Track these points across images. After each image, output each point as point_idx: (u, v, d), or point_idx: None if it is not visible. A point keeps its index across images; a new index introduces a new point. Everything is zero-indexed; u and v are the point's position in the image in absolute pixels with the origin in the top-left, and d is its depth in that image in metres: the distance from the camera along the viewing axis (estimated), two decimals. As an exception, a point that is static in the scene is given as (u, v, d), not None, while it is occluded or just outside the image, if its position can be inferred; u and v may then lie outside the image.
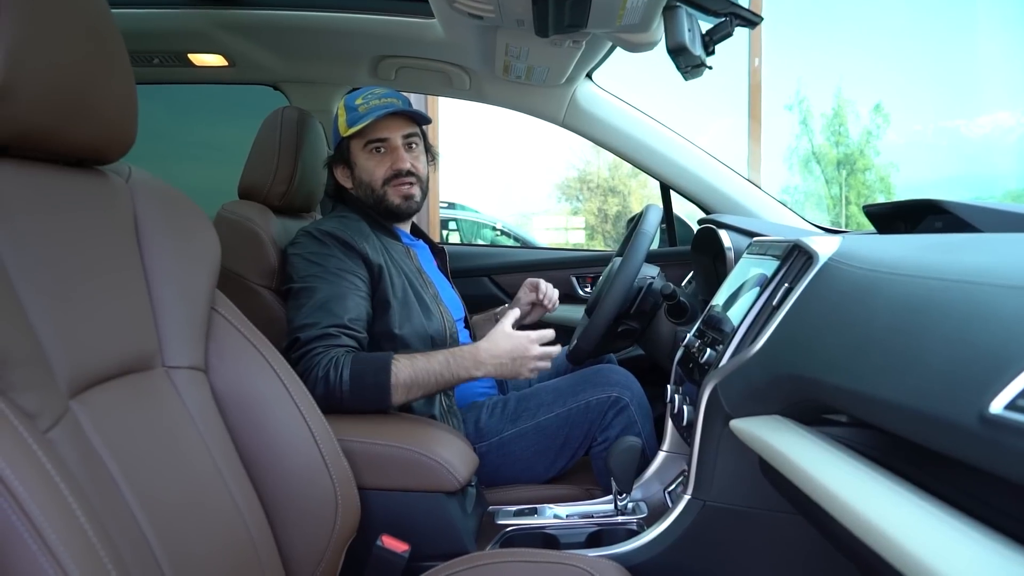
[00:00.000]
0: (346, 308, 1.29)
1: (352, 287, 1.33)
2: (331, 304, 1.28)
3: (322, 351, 1.23)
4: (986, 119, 9.09)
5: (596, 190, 9.94)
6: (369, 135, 1.47)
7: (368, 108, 1.45)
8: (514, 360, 1.29)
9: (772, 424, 0.83)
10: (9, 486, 0.47)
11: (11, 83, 0.59)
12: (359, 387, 1.21)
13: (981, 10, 8.65)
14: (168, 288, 0.80)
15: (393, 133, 1.48)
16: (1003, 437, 0.43)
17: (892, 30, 9.16)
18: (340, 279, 1.33)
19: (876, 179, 9.02)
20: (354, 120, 1.45)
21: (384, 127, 1.46)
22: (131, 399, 0.70)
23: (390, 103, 1.46)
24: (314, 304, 1.29)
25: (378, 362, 1.23)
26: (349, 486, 0.94)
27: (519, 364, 1.29)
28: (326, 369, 1.20)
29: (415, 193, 1.51)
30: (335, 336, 1.26)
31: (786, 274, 0.98)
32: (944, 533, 0.49)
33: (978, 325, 0.52)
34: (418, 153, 1.52)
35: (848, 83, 8.98)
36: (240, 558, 0.76)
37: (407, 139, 1.50)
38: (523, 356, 1.29)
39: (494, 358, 1.28)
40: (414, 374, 1.24)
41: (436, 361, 1.26)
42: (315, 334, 1.25)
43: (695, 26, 1.24)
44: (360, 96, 1.47)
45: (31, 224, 0.63)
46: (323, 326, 1.26)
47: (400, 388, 1.23)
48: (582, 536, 1.25)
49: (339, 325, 1.27)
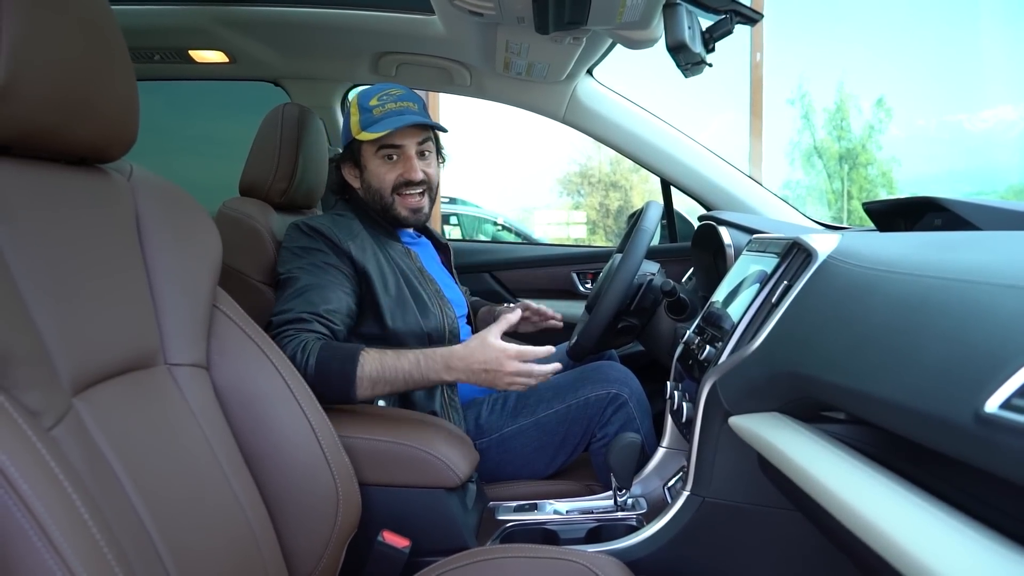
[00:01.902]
0: (324, 299, 1.29)
1: (335, 281, 1.33)
2: (309, 293, 1.28)
3: (292, 334, 1.22)
4: (989, 113, 9.07)
5: (597, 185, 9.93)
6: (382, 141, 1.44)
7: (384, 112, 1.42)
8: (487, 372, 1.21)
9: (771, 421, 0.83)
10: (13, 483, 0.47)
11: (13, 82, 0.59)
12: (324, 374, 1.18)
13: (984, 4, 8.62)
14: (170, 285, 0.81)
15: (408, 140, 1.45)
16: (998, 436, 0.44)
17: (894, 24, 9.14)
18: (323, 272, 1.33)
19: (878, 174, 9.00)
20: (368, 123, 1.42)
21: (399, 135, 1.43)
22: (133, 396, 0.71)
23: (406, 107, 1.43)
24: (293, 292, 1.29)
25: (346, 351, 1.21)
26: (350, 482, 0.94)
27: (493, 376, 1.21)
28: (293, 351, 1.19)
29: (424, 205, 1.50)
30: (307, 321, 1.25)
31: (785, 271, 0.98)
32: (940, 531, 0.49)
33: (975, 324, 0.52)
34: (430, 160, 1.50)
35: (850, 77, 8.96)
36: (242, 553, 0.77)
37: (420, 146, 1.47)
38: (497, 370, 1.20)
39: (466, 365, 1.21)
40: (381, 369, 1.20)
41: (406, 360, 1.22)
42: (288, 318, 1.25)
43: (695, 23, 1.24)
44: (375, 96, 1.44)
45: (34, 223, 0.64)
46: (296, 311, 1.25)
47: (365, 381, 1.19)
48: (582, 532, 1.25)
49: (313, 312, 1.26)
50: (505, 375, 1.20)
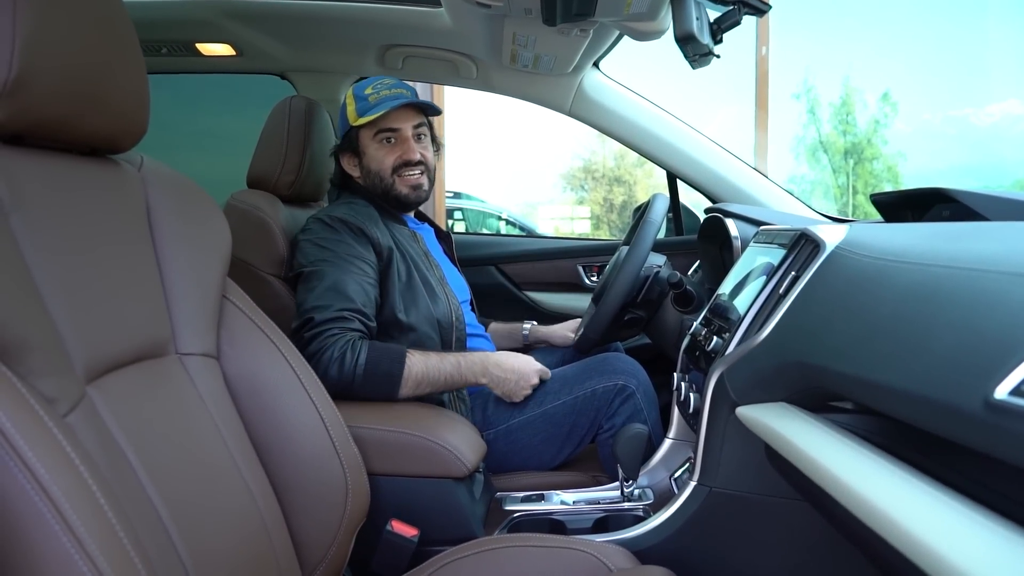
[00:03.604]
0: (358, 294, 1.31)
1: (361, 273, 1.34)
2: (342, 287, 1.30)
3: (338, 332, 1.24)
4: (996, 107, 9.03)
5: (602, 180, 9.92)
6: (379, 125, 1.48)
7: (379, 98, 1.46)
8: (516, 384, 1.38)
9: (778, 411, 0.83)
10: (31, 467, 0.48)
11: (26, 74, 0.60)
12: (372, 374, 1.22)
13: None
14: (180, 276, 0.81)
15: (403, 124, 1.50)
16: (1007, 422, 0.44)
17: (900, 18, 9.10)
18: (350, 264, 1.34)
19: (884, 168, 8.97)
20: (364, 110, 1.46)
21: (395, 118, 1.48)
22: (145, 385, 0.71)
23: (400, 94, 1.47)
24: (325, 286, 1.30)
25: (394, 353, 1.26)
26: (359, 472, 0.95)
27: (516, 389, 1.38)
28: (342, 351, 1.22)
29: (423, 183, 1.53)
30: (349, 319, 1.27)
31: (793, 262, 0.98)
32: (949, 518, 0.49)
33: (984, 312, 0.52)
34: (426, 143, 1.55)
35: (856, 72, 8.94)
36: (252, 541, 0.78)
37: (416, 129, 1.52)
38: (525, 384, 1.38)
39: (501, 372, 1.36)
40: (426, 371, 1.27)
41: (448, 362, 1.31)
42: (330, 315, 1.26)
43: (703, 14, 1.24)
44: (370, 86, 1.49)
45: (47, 212, 0.64)
46: (337, 308, 1.27)
47: (410, 382, 1.26)
48: (589, 522, 1.26)
49: (352, 309, 1.28)
50: (525, 389, 1.39)
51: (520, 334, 1.81)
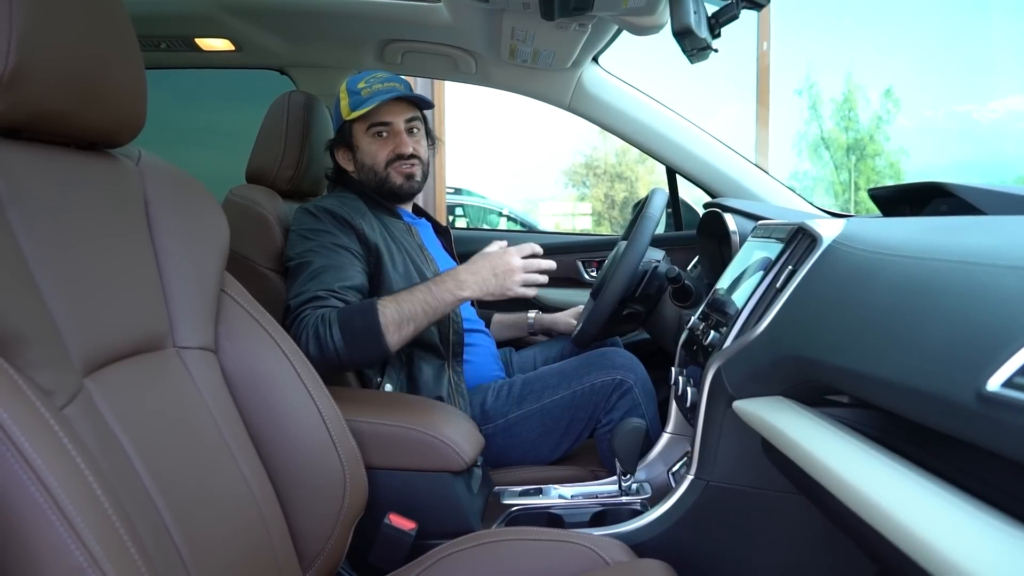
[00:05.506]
0: (338, 277, 1.31)
1: (347, 261, 1.35)
2: (323, 274, 1.30)
3: (309, 312, 1.25)
4: (998, 104, 9.01)
5: (603, 176, 9.91)
6: (372, 119, 1.49)
7: (371, 92, 1.46)
8: (496, 276, 1.28)
9: (775, 405, 0.83)
10: (28, 458, 0.48)
11: (23, 67, 0.60)
12: (350, 335, 1.21)
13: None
14: (178, 270, 0.81)
15: (396, 117, 1.50)
16: (1000, 414, 0.44)
17: (903, 13, 9.07)
18: (334, 253, 1.34)
19: (886, 165, 8.95)
20: (357, 104, 1.47)
21: (387, 111, 1.49)
22: (143, 378, 0.71)
23: (393, 87, 1.47)
24: (307, 275, 1.31)
25: (362, 306, 1.25)
26: (357, 465, 0.95)
27: (503, 279, 1.28)
28: (314, 326, 1.22)
29: (416, 173, 1.53)
30: (323, 298, 1.27)
31: (790, 257, 0.99)
32: (944, 511, 0.50)
33: (978, 305, 0.52)
34: (419, 137, 1.55)
35: (858, 68, 8.91)
36: (250, 533, 0.78)
37: (409, 123, 1.52)
38: (505, 270, 1.28)
39: (475, 276, 1.28)
40: (400, 309, 1.25)
41: (418, 291, 1.28)
42: (303, 299, 1.27)
43: (701, 8, 1.24)
44: (362, 80, 1.49)
45: (45, 206, 0.64)
46: (312, 291, 1.27)
47: (391, 326, 1.24)
48: (586, 516, 1.26)
49: (328, 289, 1.28)
50: (515, 274, 1.28)
51: (525, 323, 1.83)
